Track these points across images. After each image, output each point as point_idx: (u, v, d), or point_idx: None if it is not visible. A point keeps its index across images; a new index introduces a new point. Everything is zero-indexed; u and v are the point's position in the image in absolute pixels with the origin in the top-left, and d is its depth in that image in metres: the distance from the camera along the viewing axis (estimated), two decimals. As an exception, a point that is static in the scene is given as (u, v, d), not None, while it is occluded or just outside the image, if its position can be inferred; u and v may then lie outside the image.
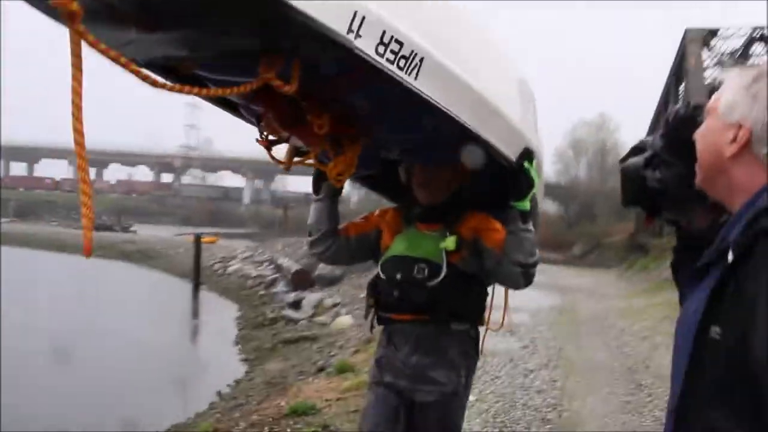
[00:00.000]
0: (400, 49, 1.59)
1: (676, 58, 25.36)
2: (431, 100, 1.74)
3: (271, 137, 2.33)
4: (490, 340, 7.22)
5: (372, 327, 2.67)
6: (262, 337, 13.18)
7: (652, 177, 1.55)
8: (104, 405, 8.04)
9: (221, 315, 16.97)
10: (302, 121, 2.01)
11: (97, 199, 2.17)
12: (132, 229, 44.44)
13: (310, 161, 2.45)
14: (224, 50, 1.64)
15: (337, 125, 2.06)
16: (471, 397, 5.99)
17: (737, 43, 24.19)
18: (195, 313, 18.70)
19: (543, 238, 24.24)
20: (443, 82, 1.78)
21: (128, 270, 27.91)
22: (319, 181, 2.72)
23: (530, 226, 2.41)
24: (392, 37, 1.56)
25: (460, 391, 2.54)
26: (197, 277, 21.93)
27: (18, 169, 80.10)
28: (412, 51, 1.62)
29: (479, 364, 6.56)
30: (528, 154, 2.35)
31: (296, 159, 2.45)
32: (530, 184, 2.36)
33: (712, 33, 24.01)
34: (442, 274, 2.44)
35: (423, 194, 2.61)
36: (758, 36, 23.85)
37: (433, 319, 2.49)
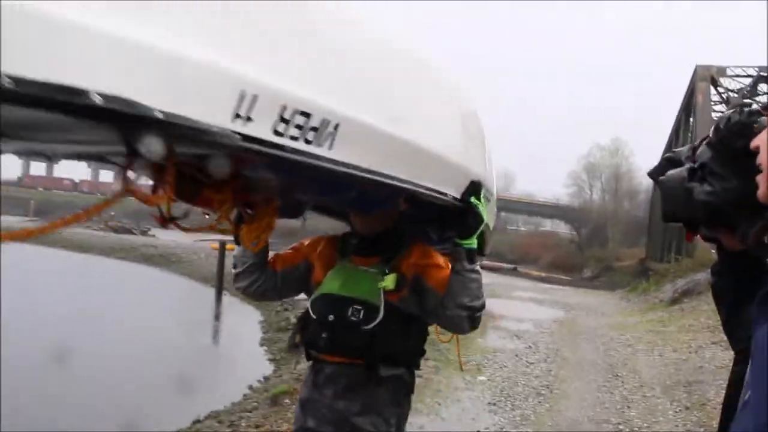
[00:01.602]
0: (307, 122, 1.36)
1: (686, 93, 27.29)
2: (349, 171, 1.55)
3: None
4: (499, 341, 9.45)
5: (296, 363, 2.76)
6: (287, 340, 14.55)
7: (700, 190, 1.44)
8: (132, 403, 8.14)
9: (245, 319, 17.77)
10: (200, 194, 1.80)
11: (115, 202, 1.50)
12: (150, 233, 46.38)
13: (221, 228, 2.11)
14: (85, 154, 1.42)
15: (243, 195, 1.96)
16: (482, 377, 8.06)
17: (745, 81, 26.17)
18: (217, 317, 19.97)
19: (553, 260, 26.64)
20: (366, 144, 1.60)
21: (150, 273, 29.38)
22: None
23: (477, 267, 2.28)
24: (296, 110, 1.32)
25: None
26: (221, 282, 23.07)
27: (37, 169, 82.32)
28: (324, 119, 1.40)
29: (491, 356, 8.63)
30: (474, 189, 2.23)
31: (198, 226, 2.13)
32: (478, 220, 2.24)
33: (721, 71, 26.02)
34: (380, 317, 2.28)
35: (360, 224, 2.49)
36: (766, 76, 25.82)
37: (366, 364, 2.34)
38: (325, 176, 1.59)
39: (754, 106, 1.38)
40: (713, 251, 1.63)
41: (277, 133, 1.30)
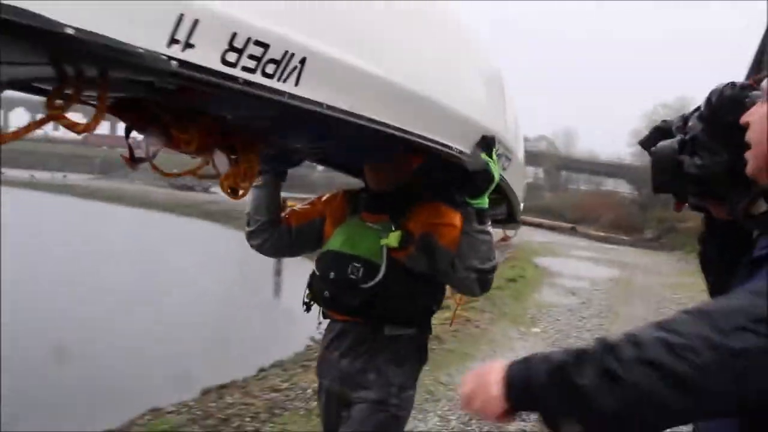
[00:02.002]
0: (264, 53, 1.26)
1: (758, 48, 26.55)
2: (322, 110, 1.45)
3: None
4: (554, 296, 9.94)
5: (319, 322, 2.54)
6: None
7: (690, 163, 1.46)
8: (199, 353, 8.53)
9: (305, 274, 18.62)
10: (167, 134, 1.79)
11: (175, 160, 2.31)
12: (212, 190, 47.68)
13: (207, 173, 2.14)
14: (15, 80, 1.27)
15: (213, 137, 1.88)
16: (536, 329, 8.56)
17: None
18: (278, 272, 20.77)
19: (613, 220, 26.61)
20: (343, 82, 1.50)
21: (212, 229, 30.36)
22: None
23: (488, 227, 2.20)
24: (248, 38, 1.22)
25: (391, 401, 2.35)
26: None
27: (102, 128, 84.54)
28: (286, 51, 1.30)
29: (546, 310, 9.11)
30: (486, 144, 2.12)
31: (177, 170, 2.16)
32: (488, 177, 2.13)
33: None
34: (380, 275, 2.26)
35: (373, 179, 2.46)
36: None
37: (367, 323, 2.35)
38: (304, 118, 1.54)
39: (746, 81, 1.41)
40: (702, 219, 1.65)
41: (226, 62, 1.21)
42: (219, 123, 1.85)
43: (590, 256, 19.69)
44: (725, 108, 1.41)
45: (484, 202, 2.19)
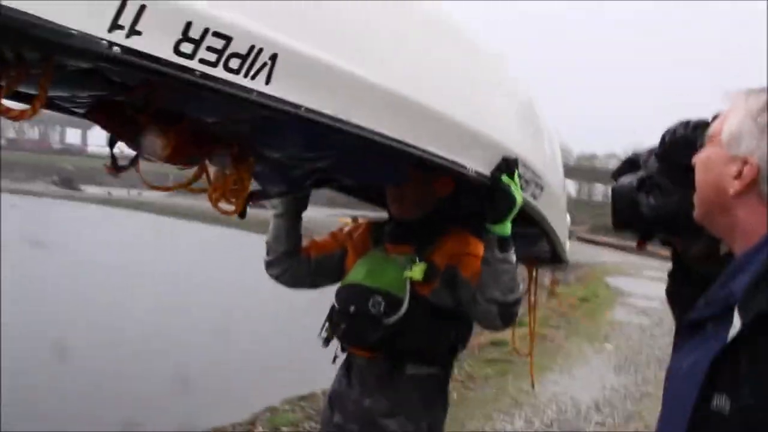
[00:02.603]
0: (226, 45, 1.18)
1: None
2: (299, 113, 1.34)
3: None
4: (626, 315, 10.56)
5: (335, 357, 2.41)
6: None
7: (645, 203, 1.45)
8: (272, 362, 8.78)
9: None
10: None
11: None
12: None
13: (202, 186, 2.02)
14: None
15: (192, 144, 1.77)
16: (609, 346, 9.15)
17: None
18: None
19: None
20: (325, 84, 1.38)
21: None
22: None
23: (511, 255, 2.06)
24: (206, 29, 1.15)
25: None
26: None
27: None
28: (252, 46, 1.22)
29: (618, 328, 9.72)
30: (507, 165, 1.98)
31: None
32: (510, 200, 1.99)
33: None
34: (402, 310, 2.15)
35: (396, 209, 2.36)
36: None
37: (388, 360, 2.24)
38: (292, 126, 1.48)
39: (702, 119, 1.38)
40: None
41: (180, 53, 1.14)
42: (199, 129, 1.75)
43: (661, 276, 19.72)
44: (678, 148, 1.41)
45: (506, 228, 2.04)
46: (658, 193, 1.48)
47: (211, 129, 1.79)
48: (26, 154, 68.33)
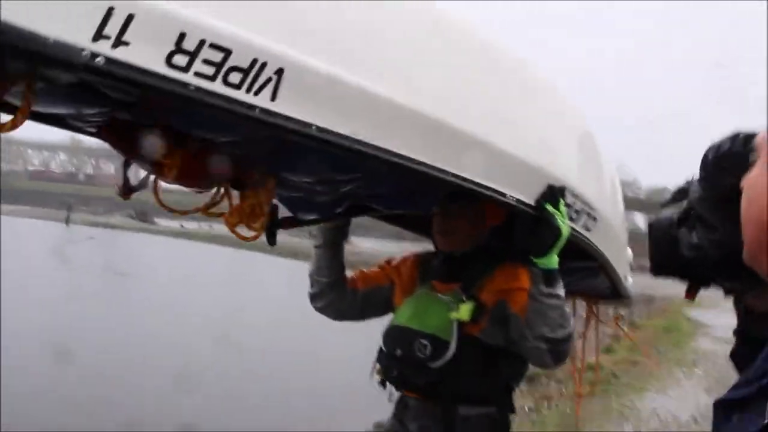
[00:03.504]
0: (225, 59, 1.14)
1: None
2: (311, 132, 1.28)
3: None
4: (710, 344, 11.60)
5: (390, 396, 2.34)
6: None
7: (686, 241, 1.21)
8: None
9: None
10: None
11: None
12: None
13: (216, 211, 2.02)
14: None
15: (203, 165, 1.73)
16: (698, 371, 10.05)
17: None
18: None
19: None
20: (341, 102, 1.33)
21: None
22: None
23: (558, 290, 1.99)
24: (202, 41, 1.11)
25: None
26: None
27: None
28: (255, 59, 1.18)
29: (703, 356, 10.69)
30: (551, 193, 1.91)
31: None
32: (555, 231, 1.91)
33: None
34: (449, 353, 2.09)
35: (443, 242, 2.31)
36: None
37: (443, 402, 2.18)
38: (312, 148, 1.40)
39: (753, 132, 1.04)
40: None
41: (173, 65, 1.09)
42: (211, 150, 1.71)
43: (739, 308, 20.48)
44: (723, 169, 1.11)
45: (553, 261, 1.98)
46: (702, 228, 1.17)
47: (225, 150, 1.74)
48: (103, 188, 71.56)
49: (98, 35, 1.02)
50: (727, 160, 1.10)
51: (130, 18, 1.04)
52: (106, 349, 9.96)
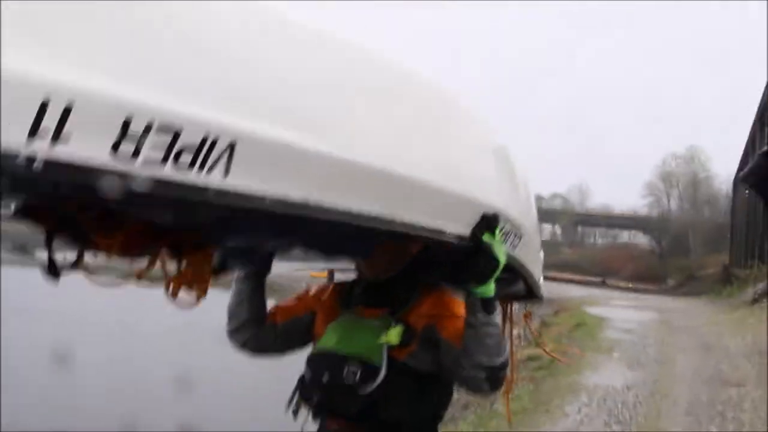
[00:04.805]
0: (174, 140, 1.07)
1: (760, 104, 30.89)
2: (265, 206, 1.27)
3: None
4: (616, 334, 14.22)
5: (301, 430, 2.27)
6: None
7: None
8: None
9: None
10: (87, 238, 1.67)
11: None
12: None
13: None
14: None
15: (144, 239, 1.73)
16: (616, 354, 12.42)
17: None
18: None
19: (634, 272, 31.36)
20: (288, 168, 1.31)
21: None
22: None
23: (495, 317, 2.02)
24: (150, 124, 1.03)
25: None
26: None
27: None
28: (206, 136, 1.11)
29: (616, 343, 13.13)
30: (487, 223, 1.94)
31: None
32: (493, 262, 1.94)
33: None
34: (379, 379, 2.04)
35: (365, 267, 2.31)
36: None
37: (370, 431, 2.13)
38: (254, 214, 1.32)
39: None
40: None
41: (118, 154, 1.02)
42: (152, 223, 1.67)
43: (627, 304, 23.57)
44: None
45: (490, 290, 1.98)
46: None
47: (165, 222, 1.69)
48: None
49: (33, 130, 0.93)
50: None
51: (69, 107, 0.94)
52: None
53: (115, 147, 1.02)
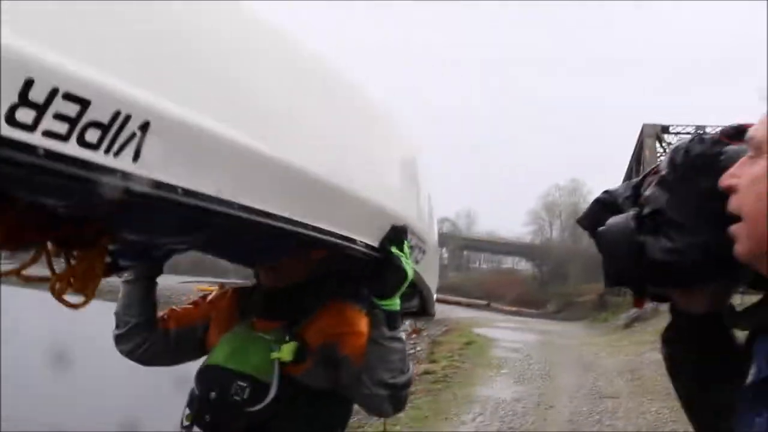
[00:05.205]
0: (82, 112, 0.93)
1: (635, 147, 33.55)
2: (177, 197, 1.13)
3: None
4: (503, 353, 15.46)
5: None
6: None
7: (658, 246, 1.15)
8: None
9: None
10: None
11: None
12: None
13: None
14: None
15: (29, 230, 1.60)
16: (505, 370, 13.47)
17: (685, 138, 32.47)
18: None
19: (517, 296, 33.22)
20: (205, 156, 1.18)
21: None
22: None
23: (400, 332, 1.94)
24: (54, 89, 0.89)
25: None
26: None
27: None
28: (118, 112, 0.98)
29: (503, 361, 14.22)
30: (396, 236, 1.88)
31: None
32: (400, 276, 1.88)
33: (665, 129, 32.36)
34: (269, 397, 1.95)
35: (266, 277, 2.22)
36: (702, 134, 32.09)
37: None
38: (158, 205, 1.16)
39: (715, 133, 1.17)
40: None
41: (16, 123, 0.87)
42: (39, 212, 1.52)
43: (511, 326, 25.02)
44: (697, 169, 1.13)
45: (396, 304, 1.91)
46: (676, 232, 1.14)
47: (53, 209, 1.53)
48: None
49: None
50: (701, 161, 1.12)
51: None
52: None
53: (11, 112, 0.86)
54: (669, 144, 32.11)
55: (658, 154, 31.50)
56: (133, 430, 7.02)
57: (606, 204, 1.34)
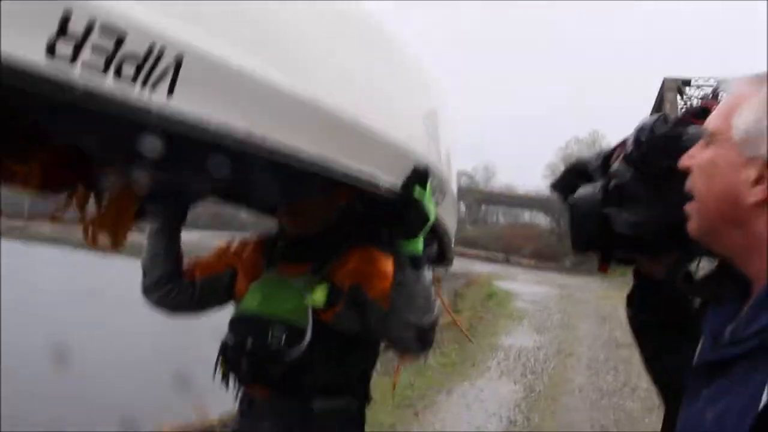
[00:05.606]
0: (118, 48, 0.95)
1: (655, 104, 33.68)
2: (204, 128, 1.13)
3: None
4: (523, 305, 16.55)
5: (236, 396, 2.22)
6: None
7: (621, 219, 1.26)
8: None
9: None
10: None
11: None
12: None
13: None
14: None
15: (65, 171, 1.64)
16: (526, 321, 14.27)
17: (707, 91, 32.51)
18: None
19: (534, 250, 33.92)
20: (237, 93, 1.20)
21: None
22: None
23: (425, 274, 1.92)
24: (90, 22, 0.91)
25: None
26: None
27: None
28: (152, 46, 1.00)
29: (523, 312, 15.07)
30: (419, 177, 1.84)
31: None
32: (423, 217, 1.85)
33: (686, 82, 32.50)
34: (305, 341, 1.99)
35: (289, 222, 2.24)
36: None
37: (297, 397, 2.08)
38: (189, 145, 1.19)
39: (681, 112, 1.25)
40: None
41: (55, 54, 0.89)
42: (73, 153, 1.57)
43: (530, 279, 25.83)
44: (659, 150, 1.23)
45: (419, 245, 1.91)
46: (638, 206, 1.25)
47: (85, 149, 1.56)
48: None
49: None
50: (662, 142, 1.19)
51: None
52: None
53: (51, 48, 0.88)
54: (690, 98, 32.34)
55: (680, 108, 31.71)
56: (133, 430, 7.02)
57: (578, 172, 1.45)
